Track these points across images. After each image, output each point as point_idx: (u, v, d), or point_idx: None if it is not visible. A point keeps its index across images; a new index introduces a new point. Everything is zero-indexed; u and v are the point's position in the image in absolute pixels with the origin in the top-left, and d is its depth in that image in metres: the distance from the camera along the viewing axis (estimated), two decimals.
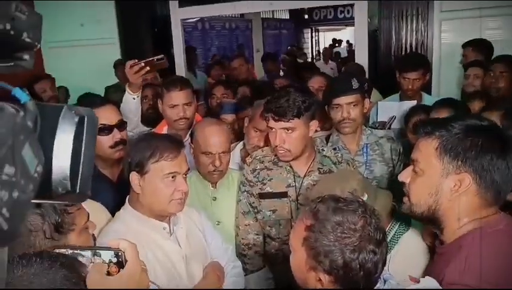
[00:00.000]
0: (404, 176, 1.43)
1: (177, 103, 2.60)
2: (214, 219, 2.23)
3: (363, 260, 1.15)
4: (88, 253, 1.11)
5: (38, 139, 0.51)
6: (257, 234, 2.21)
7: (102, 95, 4.62)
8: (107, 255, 1.10)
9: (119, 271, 1.06)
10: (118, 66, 5.17)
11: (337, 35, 15.36)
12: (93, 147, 0.58)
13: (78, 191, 0.56)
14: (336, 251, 1.15)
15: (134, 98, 2.66)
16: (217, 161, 2.17)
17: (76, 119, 0.55)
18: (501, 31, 4.16)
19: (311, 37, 15.43)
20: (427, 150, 1.34)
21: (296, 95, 2.01)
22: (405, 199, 1.43)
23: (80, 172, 0.55)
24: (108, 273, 1.06)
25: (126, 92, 2.68)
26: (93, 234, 1.48)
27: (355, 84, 2.35)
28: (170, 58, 5.11)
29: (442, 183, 1.31)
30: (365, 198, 1.67)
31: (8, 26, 0.46)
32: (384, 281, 1.23)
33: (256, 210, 2.20)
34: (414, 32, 4.77)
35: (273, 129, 2.05)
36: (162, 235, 1.78)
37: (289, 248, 1.28)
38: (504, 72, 3.12)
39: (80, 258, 1.13)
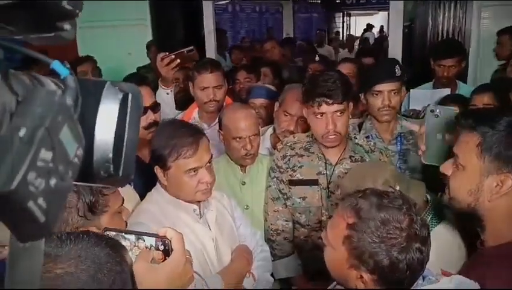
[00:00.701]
0: (446, 168, 1.38)
1: (207, 86, 2.62)
2: (243, 203, 2.24)
3: (410, 260, 1.10)
4: (132, 237, 1.13)
5: (79, 118, 0.46)
6: (286, 221, 2.20)
7: None
8: (150, 241, 1.11)
9: (164, 259, 1.07)
10: (150, 47, 5.20)
11: (370, 20, 15.03)
12: (137, 127, 0.52)
13: (121, 174, 0.51)
14: (381, 252, 1.10)
15: (167, 93, 2.66)
16: (248, 145, 2.17)
17: (120, 96, 0.50)
18: None
19: (343, 21, 15.15)
20: (468, 145, 1.29)
21: (340, 76, 2.01)
22: (446, 191, 1.39)
23: (123, 154, 0.50)
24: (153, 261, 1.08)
25: (159, 87, 2.69)
26: (126, 222, 1.48)
27: (398, 71, 2.30)
28: (200, 40, 5.13)
29: (483, 182, 1.26)
30: (397, 187, 1.64)
31: None
32: (423, 278, 1.19)
33: (285, 197, 2.19)
34: (452, 19, 4.62)
35: (323, 115, 2.01)
36: (192, 217, 1.80)
37: (322, 241, 1.24)
38: None
39: (124, 241, 1.14)
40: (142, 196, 1.90)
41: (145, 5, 5.58)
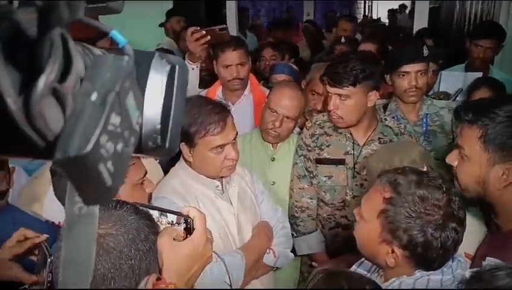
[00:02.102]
0: (452, 159, 1.38)
1: (230, 63, 2.60)
2: (270, 179, 2.27)
3: (445, 239, 1.11)
4: (156, 213, 1.15)
5: None
6: (311, 198, 2.22)
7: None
8: (172, 218, 1.13)
9: (186, 237, 1.09)
10: (170, 18, 5.13)
11: (393, 3, 14.71)
12: (183, 99, 0.52)
13: (167, 146, 0.51)
14: (416, 227, 1.11)
15: (193, 68, 2.62)
16: (278, 122, 2.18)
17: (168, 68, 0.50)
18: None
19: (364, 3, 14.88)
20: (471, 138, 1.29)
21: (355, 62, 1.97)
22: (455, 182, 1.39)
23: (170, 126, 0.50)
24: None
25: (185, 61, 2.64)
26: (150, 193, 1.49)
27: (425, 51, 2.28)
28: (222, 18, 5.09)
29: (489, 172, 1.26)
30: (424, 168, 1.62)
31: None
32: (453, 259, 1.18)
33: (312, 175, 2.20)
34: (480, 1, 4.49)
35: (329, 93, 2.04)
36: (214, 193, 1.83)
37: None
38: None
39: None
40: (165, 171, 1.92)
41: None
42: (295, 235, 2.20)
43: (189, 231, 1.11)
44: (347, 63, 1.96)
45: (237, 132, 1.82)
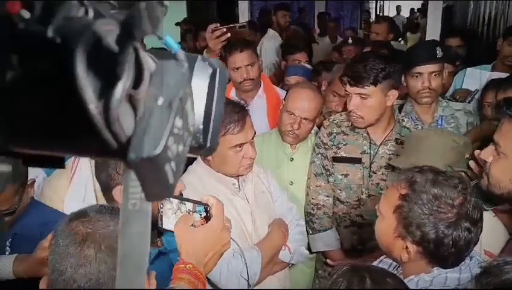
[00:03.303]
0: (487, 155, 1.38)
1: (239, 65, 2.61)
2: (288, 179, 2.29)
3: (456, 237, 1.13)
4: (175, 201, 1.20)
5: None
6: (327, 196, 2.24)
7: None
8: (191, 206, 1.18)
9: (205, 223, 1.14)
10: (184, 24, 5.23)
11: (403, 3, 14.65)
12: (223, 101, 0.55)
13: (208, 144, 0.54)
14: (429, 224, 1.14)
15: None
16: (296, 124, 2.19)
17: (210, 71, 0.52)
18: None
19: (376, 5, 14.81)
20: (511, 134, 1.28)
21: (375, 61, 1.98)
22: (484, 177, 1.39)
23: (211, 126, 0.53)
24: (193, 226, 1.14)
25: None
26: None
27: (439, 52, 2.28)
28: (235, 19, 5.12)
29: None
30: (469, 157, 1.67)
31: None
32: (471, 258, 1.21)
33: (328, 173, 2.23)
34: (494, 1, 4.47)
35: (350, 94, 2.05)
36: (231, 191, 1.86)
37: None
38: None
39: (169, 204, 1.22)
40: (185, 169, 1.95)
41: None
42: (310, 232, 2.23)
43: (208, 219, 1.15)
44: (367, 62, 1.97)
45: (255, 132, 1.85)
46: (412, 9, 13.43)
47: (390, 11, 14.66)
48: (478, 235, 1.18)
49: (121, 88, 0.37)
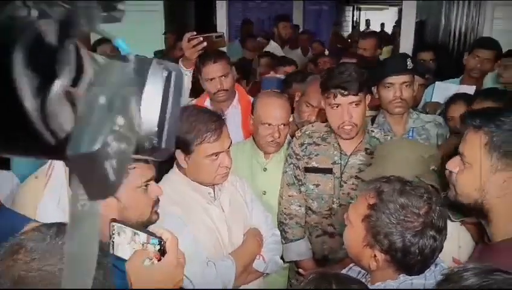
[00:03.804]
0: (453, 166, 1.40)
1: (213, 76, 2.59)
2: (261, 188, 2.30)
3: (422, 246, 1.16)
4: (129, 232, 1.18)
5: None
6: (299, 206, 2.26)
7: None
8: (145, 238, 1.16)
9: (160, 259, 1.13)
10: (168, 34, 5.23)
11: (380, 15, 14.97)
12: (179, 103, 0.56)
13: (163, 147, 0.54)
14: (396, 233, 1.17)
15: (186, 74, 2.61)
16: (276, 133, 2.21)
17: (165, 74, 0.53)
18: None
19: (353, 15, 15.06)
20: (475, 144, 1.30)
21: (355, 69, 2.04)
22: (451, 188, 1.41)
23: (166, 128, 0.53)
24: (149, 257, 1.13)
25: (179, 66, 2.63)
26: (158, 199, 1.49)
27: (410, 64, 2.35)
28: (213, 29, 5.15)
29: (490, 179, 1.28)
30: (436, 168, 1.71)
31: None
32: (436, 265, 1.24)
33: (300, 183, 2.25)
34: (464, 18, 4.62)
35: (339, 106, 2.05)
36: (206, 200, 1.86)
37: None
38: None
39: (123, 235, 1.19)
40: (160, 177, 1.94)
41: None
42: (283, 242, 2.23)
43: (162, 252, 1.13)
44: (350, 71, 2.02)
45: (231, 141, 1.86)
46: (382, 24, 13.72)
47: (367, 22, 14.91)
48: (443, 242, 1.21)
49: (58, 85, 0.38)
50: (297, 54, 5.76)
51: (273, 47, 4.85)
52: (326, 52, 6.12)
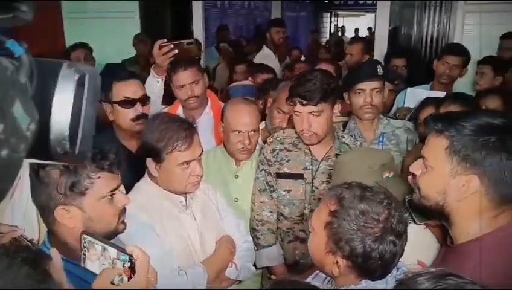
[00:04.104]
0: (415, 168, 1.42)
1: (183, 83, 2.60)
2: (233, 195, 2.31)
3: (382, 251, 1.18)
4: (99, 247, 1.16)
5: (36, 96, 0.48)
6: (271, 212, 2.28)
7: None
8: (114, 253, 1.15)
9: (130, 276, 1.12)
10: (138, 40, 5.20)
11: (357, 21, 15.19)
12: (94, 107, 0.55)
13: (77, 152, 0.53)
14: (357, 239, 1.19)
15: (158, 81, 2.62)
16: (246, 140, 2.23)
17: (77, 77, 0.52)
18: None
19: (330, 22, 15.25)
20: (436, 148, 1.32)
21: (322, 78, 2.05)
22: (416, 190, 1.43)
23: (80, 133, 0.53)
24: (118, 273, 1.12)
25: (151, 74, 2.65)
26: (125, 208, 1.47)
27: (380, 70, 2.39)
28: (189, 35, 5.15)
29: (450, 182, 1.30)
30: (391, 175, 1.72)
31: None
32: (397, 269, 1.27)
33: (272, 189, 2.27)
34: (436, 24, 4.72)
35: (300, 113, 2.08)
36: (178, 208, 1.86)
37: (302, 229, 1.30)
38: None
39: (92, 250, 1.18)
40: (131, 185, 1.93)
41: None
42: (255, 248, 2.24)
43: (133, 270, 1.12)
44: (315, 80, 2.03)
45: (203, 149, 1.86)
46: (356, 29, 13.94)
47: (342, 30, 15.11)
48: (403, 247, 1.23)
49: None
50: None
51: (266, 54, 4.80)
52: (303, 58, 6.17)
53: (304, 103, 2.03)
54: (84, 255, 1.20)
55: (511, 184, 1.26)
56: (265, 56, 4.67)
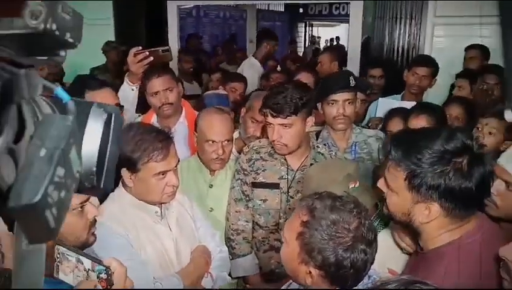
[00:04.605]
0: (381, 185, 1.46)
1: (157, 90, 2.60)
2: (208, 205, 2.31)
3: (354, 259, 1.20)
4: (73, 259, 1.17)
5: None
6: (247, 221, 2.29)
7: None
8: (89, 264, 1.15)
9: (107, 287, 1.12)
10: (109, 47, 5.16)
11: (331, 31, 15.42)
12: (117, 144, 0.60)
13: (102, 185, 0.58)
14: (329, 249, 1.20)
15: (132, 89, 2.59)
16: (220, 150, 2.23)
17: (105, 117, 0.57)
18: (493, 39, 4.18)
19: (305, 31, 15.43)
20: (396, 177, 1.36)
21: (293, 91, 2.07)
22: (385, 204, 1.47)
23: (105, 168, 0.58)
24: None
25: (125, 81, 2.63)
26: (95, 220, 1.45)
27: (352, 81, 2.42)
28: (164, 43, 5.13)
29: (414, 207, 1.34)
30: (357, 185, 1.75)
31: (54, 27, 0.47)
32: (369, 277, 1.29)
33: (248, 198, 2.28)
34: (407, 35, 4.85)
35: (271, 124, 2.10)
36: (153, 219, 1.85)
37: (278, 238, 1.31)
38: (497, 84, 3.15)
39: (66, 262, 1.18)
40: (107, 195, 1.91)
41: (109, 5, 5.54)
42: (230, 257, 2.23)
43: (109, 282, 1.13)
44: (286, 93, 2.05)
45: (179, 159, 1.86)
46: (326, 40, 14.19)
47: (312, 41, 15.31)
48: (374, 255, 1.25)
49: (0, 143, 0.41)
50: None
51: (252, 63, 4.82)
52: (279, 68, 6.23)
53: (274, 114, 2.06)
54: (58, 266, 1.19)
55: (470, 203, 1.32)
56: (251, 65, 4.72)
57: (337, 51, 4.58)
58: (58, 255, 1.19)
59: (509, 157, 1.54)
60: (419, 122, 2.39)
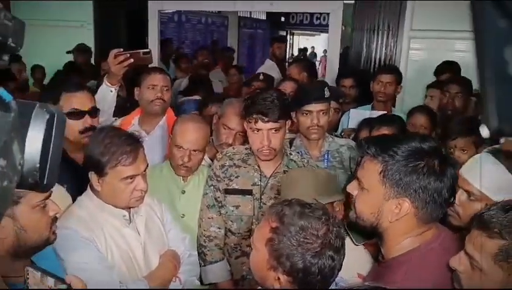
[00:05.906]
0: (351, 188, 1.49)
1: (156, 84, 2.68)
2: (180, 211, 2.30)
3: (322, 265, 1.22)
4: (38, 274, 1.22)
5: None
6: (219, 228, 2.29)
7: None
8: (52, 282, 1.19)
9: None
10: (82, 50, 5.17)
11: (312, 40, 15.58)
12: (60, 142, 0.64)
13: (45, 182, 0.62)
14: (297, 255, 1.22)
15: (111, 91, 2.59)
16: (186, 157, 2.23)
17: (47, 117, 0.61)
18: (469, 53, 4.31)
19: (287, 40, 15.54)
20: (371, 172, 1.39)
21: (278, 95, 2.12)
22: (353, 209, 1.50)
23: (48, 165, 0.61)
24: None
25: (104, 83, 2.62)
26: (55, 217, 1.47)
27: (327, 92, 2.46)
28: (144, 47, 5.12)
29: (384, 205, 1.37)
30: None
31: None
32: (336, 284, 1.31)
33: (220, 205, 2.28)
34: (384, 47, 4.94)
35: (259, 130, 2.12)
36: (121, 222, 1.85)
37: (250, 245, 1.32)
38: (459, 93, 3.27)
39: (32, 279, 1.23)
40: (75, 198, 1.90)
41: (89, 8, 5.52)
42: (202, 264, 2.24)
43: None
44: (274, 97, 2.09)
45: (148, 164, 1.86)
46: (299, 49, 14.35)
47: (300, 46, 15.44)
48: (341, 261, 1.27)
49: None
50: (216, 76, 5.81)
51: (269, 65, 5.14)
52: (261, 77, 6.25)
53: (266, 119, 2.08)
54: (27, 285, 1.24)
55: (439, 205, 1.36)
56: (268, 68, 4.98)
57: (305, 62, 4.70)
58: (27, 276, 1.24)
59: (470, 167, 1.60)
60: (382, 133, 2.45)
